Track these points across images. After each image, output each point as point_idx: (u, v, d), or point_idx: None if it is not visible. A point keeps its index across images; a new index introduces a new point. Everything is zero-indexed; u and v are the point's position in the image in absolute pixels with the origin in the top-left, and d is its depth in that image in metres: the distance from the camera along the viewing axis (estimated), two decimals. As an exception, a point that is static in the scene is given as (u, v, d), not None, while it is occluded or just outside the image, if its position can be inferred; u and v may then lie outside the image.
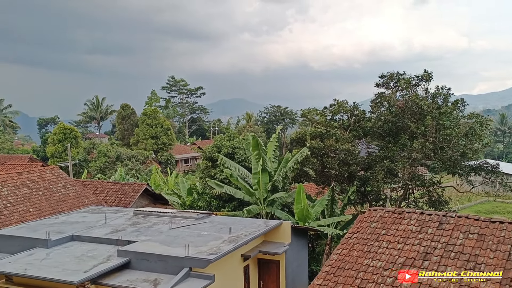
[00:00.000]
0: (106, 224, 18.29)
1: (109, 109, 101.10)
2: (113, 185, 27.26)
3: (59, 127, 63.00)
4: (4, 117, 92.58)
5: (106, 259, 14.48)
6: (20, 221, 19.34)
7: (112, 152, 51.86)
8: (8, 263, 14.31)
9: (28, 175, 22.41)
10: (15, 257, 14.94)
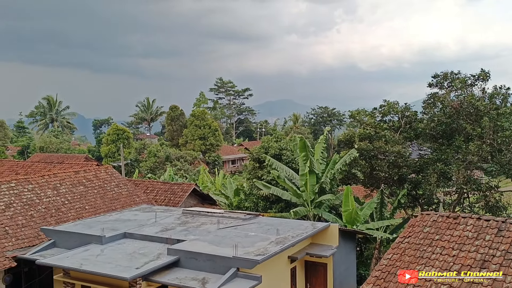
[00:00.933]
0: (156, 222, 18.78)
1: (159, 110, 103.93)
2: (163, 184, 27.93)
3: (113, 128, 65.47)
4: (63, 119, 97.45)
5: (156, 256, 14.87)
6: (76, 218, 20.24)
7: (161, 152, 53.19)
8: (66, 258, 15.01)
9: (84, 174, 23.40)
10: (72, 252, 15.65)
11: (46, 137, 78.38)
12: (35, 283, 18.53)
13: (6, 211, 18.51)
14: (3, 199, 19.01)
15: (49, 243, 17.43)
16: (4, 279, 16.91)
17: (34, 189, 20.43)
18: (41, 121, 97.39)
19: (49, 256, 16.03)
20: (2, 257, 16.47)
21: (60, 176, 22.22)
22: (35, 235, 18.22)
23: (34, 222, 18.85)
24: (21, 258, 16.77)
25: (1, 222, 17.86)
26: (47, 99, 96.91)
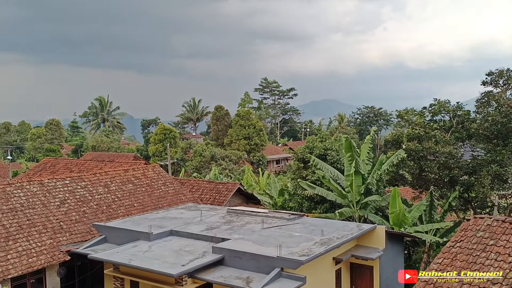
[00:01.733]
0: (201, 221, 19.07)
1: (205, 110, 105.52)
2: (208, 183, 28.33)
3: (160, 128, 67.16)
4: (113, 119, 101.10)
5: (201, 254, 15.08)
6: (126, 215, 20.91)
7: (207, 152, 53.98)
8: (116, 253, 15.52)
9: (133, 172, 24.13)
10: (122, 248, 16.16)
11: (98, 137, 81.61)
12: (87, 277, 19.31)
13: (61, 207, 19.41)
14: (58, 195, 19.94)
15: (100, 238, 18.11)
16: (59, 272, 17.73)
17: (87, 187, 21.30)
18: (93, 121, 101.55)
19: (100, 251, 16.65)
20: (57, 251, 17.28)
21: (110, 174, 23.03)
22: (88, 230, 18.98)
23: (86, 218, 19.64)
24: (74, 252, 17.53)
25: (56, 218, 18.75)
26: (99, 100, 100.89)
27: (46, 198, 19.42)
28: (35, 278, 17.13)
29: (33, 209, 18.58)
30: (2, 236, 16.66)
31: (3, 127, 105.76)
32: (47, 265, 16.83)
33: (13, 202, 18.35)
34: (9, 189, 18.89)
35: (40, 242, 17.28)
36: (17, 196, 18.74)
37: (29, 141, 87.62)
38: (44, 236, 17.64)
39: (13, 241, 16.74)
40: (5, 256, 15.99)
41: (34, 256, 16.64)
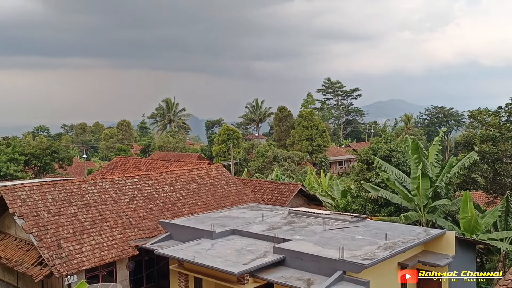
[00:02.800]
0: (263, 221, 19.18)
1: (267, 111, 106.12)
2: (270, 184, 28.44)
3: (223, 128, 68.46)
4: (179, 120, 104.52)
5: (263, 254, 15.17)
6: (190, 213, 21.53)
7: (269, 152, 54.24)
8: (181, 250, 16.03)
9: (197, 172, 24.80)
10: (186, 245, 16.66)
11: (164, 137, 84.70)
12: (154, 271, 20.11)
13: (130, 204, 20.36)
14: (128, 193, 20.95)
15: (166, 235, 18.79)
16: (128, 266, 18.63)
17: (154, 185, 22.18)
18: (160, 122, 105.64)
19: (166, 247, 17.27)
20: (126, 245, 18.16)
21: (176, 173, 23.82)
22: (154, 227, 19.77)
23: (153, 215, 20.46)
24: (142, 248, 18.33)
25: (126, 214, 19.70)
26: (166, 102, 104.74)
27: (117, 195, 20.47)
28: (106, 271, 18.13)
29: (105, 205, 19.66)
30: (78, 230, 17.79)
31: (80, 127, 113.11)
32: (117, 259, 17.74)
33: (87, 198, 19.54)
34: (84, 185, 20.14)
35: (111, 236, 18.25)
36: (91, 193, 19.93)
37: (102, 141, 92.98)
38: (115, 231, 18.60)
39: (87, 234, 17.82)
40: (80, 249, 17.06)
41: (106, 249, 17.60)
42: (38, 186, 18.99)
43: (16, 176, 49.94)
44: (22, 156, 53.35)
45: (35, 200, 18.15)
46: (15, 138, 63.19)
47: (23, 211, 17.43)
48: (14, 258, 17.80)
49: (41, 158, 54.74)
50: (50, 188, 19.10)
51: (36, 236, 16.74)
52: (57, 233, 17.22)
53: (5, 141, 58.91)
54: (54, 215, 17.93)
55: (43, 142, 58.98)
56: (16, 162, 52.23)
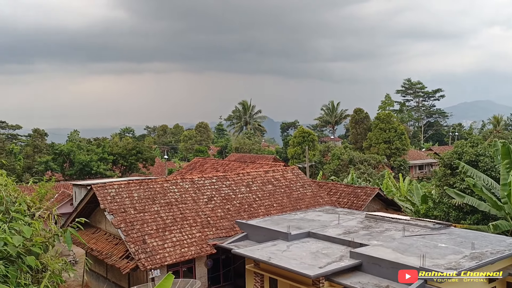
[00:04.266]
0: (339, 224, 18.93)
1: (343, 113, 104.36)
2: (346, 187, 27.96)
3: (299, 131, 68.41)
4: (255, 122, 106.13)
5: (338, 258, 14.97)
6: (266, 214, 21.81)
7: (345, 155, 53.33)
8: (257, 250, 16.30)
9: (273, 174, 25.05)
10: (262, 245, 16.91)
11: (240, 139, 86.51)
12: (231, 270, 20.63)
13: (209, 204, 21.08)
14: (206, 193, 21.70)
15: (242, 235, 19.21)
16: (206, 263, 19.30)
17: (231, 186, 22.77)
18: (236, 124, 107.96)
19: (242, 247, 17.66)
20: (205, 243, 18.83)
21: (252, 175, 24.26)
22: (231, 226, 20.29)
23: (230, 215, 21.01)
24: (220, 247, 18.89)
25: (204, 213, 20.43)
26: (242, 104, 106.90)
27: (196, 195, 21.29)
28: (186, 267, 18.93)
29: (185, 204, 20.54)
30: (160, 227, 18.77)
31: (161, 129, 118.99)
32: (196, 256, 18.46)
33: (169, 197, 20.54)
34: (166, 185, 21.19)
35: (191, 234, 19.03)
36: (172, 192, 20.92)
37: (182, 142, 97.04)
38: (194, 229, 19.37)
39: (169, 232, 18.74)
40: (163, 245, 17.98)
41: (186, 247, 18.38)
42: (125, 184, 20.32)
43: (105, 175, 53.82)
44: (111, 156, 57.39)
45: (123, 197, 19.43)
46: (104, 139, 68.01)
47: (112, 207, 18.74)
48: (104, 251, 19.19)
49: (127, 158, 58.46)
50: (136, 187, 20.34)
51: (123, 231, 17.92)
52: (142, 229, 18.31)
53: (96, 142, 63.64)
54: (139, 212, 19.07)
55: (129, 143, 62.96)
56: (105, 161, 56.28)
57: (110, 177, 51.19)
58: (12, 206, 5.04)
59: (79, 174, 54.56)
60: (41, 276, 5.05)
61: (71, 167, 55.40)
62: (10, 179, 5.70)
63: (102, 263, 20.69)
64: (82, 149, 57.33)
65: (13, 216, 4.76)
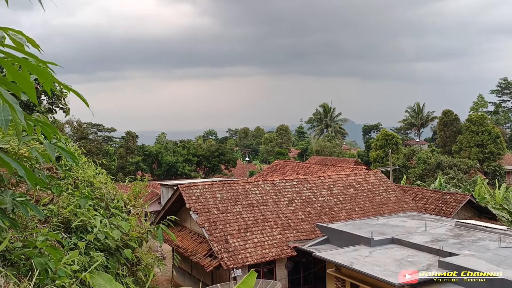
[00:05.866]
0: (426, 231, 18.02)
1: (430, 115, 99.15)
2: (433, 193, 26.56)
3: (382, 133, 66.21)
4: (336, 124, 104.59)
5: (425, 267, 14.25)
6: (347, 218, 21.40)
7: (432, 159, 50.67)
8: (338, 255, 16.05)
9: (355, 177, 24.51)
10: (343, 250, 16.61)
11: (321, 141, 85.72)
12: (311, 273, 20.51)
13: (289, 206, 21.16)
14: (287, 195, 21.80)
15: (323, 238, 19.02)
16: (286, 265, 19.39)
17: (311, 188, 22.65)
18: (317, 126, 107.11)
19: (323, 250, 17.48)
20: (285, 246, 18.92)
21: (333, 178, 23.94)
22: (312, 229, 20.18)
23: (311, 218, 20.91)
24: (300, 249, 18.87)
25: (285, 215, 20.54)
26: (323, 107, 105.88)
27: (277, 197, 21.47)
28: (267, 268, 19.16)
29: (266, 205, 20.80)
30: (242, 227, 19.19)
31: (242, 132, 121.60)
32: (277, 258, 18.61)
33: (250, 198, 20.93)
34: (248, 186, 21.62)
35: (271, 236, 19.23)
36: (254, 193, 21.29)
37: (263, 144, 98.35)
38: (275, 231, 19.54)
39: (250, 232, 19.09)
40: (244, 245, 18.37)
41: (267, 248, 18.61)
42: (209, 185, 21.06)
43: (190, 175, 56.23)
44: (195, 158, 59.81)
45: (206, 197, 20.16)
46: (189, 142, 71.03)
47: (197, 207, 19.52)
48: (189, 248, 20.05)
49: (210, 159, 60.55)
50: (219, 188, 20.99)
51: (207, 230, 18.58)
52: (224, 229, 18.85)
53: (182, 144, 66.69)
54: (222, 212, 19.66)
55: (212, 145, 65.18)
56: (190, 162, 58.75)
57: (194, 178, 53.40)
58: (111, 202, 5.48)
59: (166, 175, 57.57)
60: (135, 268, 5.42)
61: (159, 168, 58.62)
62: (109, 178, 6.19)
63: (187, 260, 21.60)
64: (169, 151, 60.44)
65: (112, 212, 5.17)
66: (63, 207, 4.45)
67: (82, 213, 4.46)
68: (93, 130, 67.88)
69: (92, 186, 5.40)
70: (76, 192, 4.91)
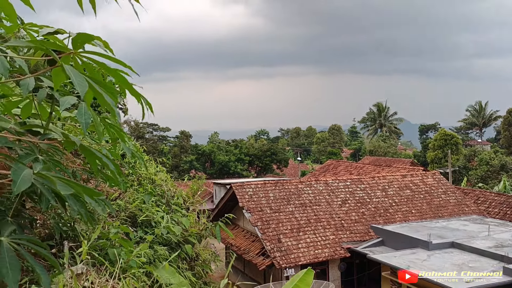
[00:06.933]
0: (489, 236, 17.16)
1: (494, 115, 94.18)
2: (497, 196, 25.22)
3: (440, 133, 63.63)
4: (390, 124, 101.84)
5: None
6: (403, 220, 20.78)
7: (495, 160, 48.09)
8: (394, 258, 15.63)
9: (411, 178, 23.74)
10: (399, 253, 16.16)
11: (375, 142, 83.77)
12: (365, 276, 20.12)
13: (343, 206, 20.86)
14: (340, 195, 21.51)
15: (377, 240, 18.59)
16: (339, 266, 19.13)
17: (365, 189, 22.20)
18: (371, 126, 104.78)
19: (378, 253, 17.08)
20: (338, 246, 18.68)
21: (388, 179, 23.32)
22: (365, 231, 19.78)
23: (365, 219, 20.50)
24: (354, 251, 18.55)
25: (338, 216, 20.27)
26: (377, 106, 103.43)
27: (330, 197, 21.24)
28: (320, 269, 18.99)
29: (319, 205, 20.63)
30: (295, 227, 19.15)
31: (294, 131, 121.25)
32: (330, 258, 18.41)
33: (303, 198, 20.84)
34: (300, 186, 21.55)
35: (324, 236, 19.05)
36: (307, 193, 21.18)
37: (315, 144, 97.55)
38: (328, 231, 19.34)
39: (303, 232, 19.01)
40: (297, 245, 18.33)
41: (319, 248, 18.46)
42: (262, 184, 21.19)
43: (242, 174, 56.83)
44: (247, 157, 60.38)
45: (259, 197, 20.30)
46: (241, 141, 71.77)
47: (250, 206, 19.70)
48: (242, 246, 20.27)
49: (262, 159, 60.88)
50: (272, 187, 21.07)
51: (260, 229, 18.71)
52: (277, 228, 18.89)
53: (234, 143, 67.54)
54: (275, 211, 19.72)
55: (264, 144, 65.51)
56: (242, 162, 59.38)
57: (246, 177, 53.88)
58: (171, 199, 5.66)
59: (218, 173, 58.53)
60: (194, 263, 5.57)
61: (212, 167, 59.69)
62: (168, 176, 6.40)
63: (240, 258, 21.85)
64: (221, 150, 61.39)
65: (172, 208, 5.34)
66: (129, 202, 4.66)
67: (146, 208, 4.65)
68: (149, 130, 70.25)
69: (154, 183, 5.60)
70: (140, 189, 5.13)
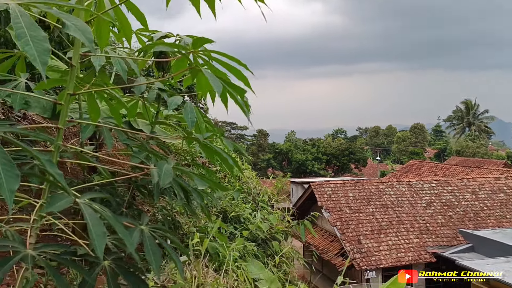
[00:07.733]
0: None
1: None
2: None
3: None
4: (480, 123, 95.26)
5: None
6: (496, 226, 19.33)
7: None
8: (486, 265, 14.59)
9: (505, 181, 22.01)
10: (492, 260, 15.04)
11: (462, 141, 78.84)
12: (452, 283, 18.99)
13: (427, 209, 19.86)
14: (425, 197, 20.50)
15: (467, 246, 17.48)
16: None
17: (453, 191, 20.95)
18: (458, 125, 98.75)
19: (468, 259, 16.04)
20: (423, 250, 17.82)
21: (478, 181, 21.83)
22: (453, 235, 18.66)
23: (452, 223, 19.35)
24: (440, 256, 17.58)
25: (423, 218, 19.34)
26: (465, 103, 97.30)
27: (414, 199, 20.32)
28: (402, 273, 18.24)
29: (401, 207, 19.82)
30: (375, 229, 18.59)
31: (373, 130, 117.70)
32: (413, 263, 17.61)
33: (384, 199, 20.16)
34: (381, 186, 20.86)
35: (407, 239, 18.27)
36: (388, 194, 20.46)
37: (395, 144, 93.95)
38: (412, 234, 18.52)
39: (384, 234, 18.39)
40: (378, 247, 17.77)
41: (402, 251, 17.73)
42: (341, 183, 20.83)
43: (319, 174, 56.34)
44: (324, 156, 59.75)
45: (338, 196, 19.97)
46: (319, 140, 71.11)
47: (328, 205, 19.45)
48: (320, 246, 20.08)
49: (340, 158, 59.92)
50: (351, 187, 20.62)
51: (339, 229, 18.40)
52: (357, 229, 18.46)
53: (311, 142, 67.15)
54: (354, 212, 19.28)
55: (341, 144, 64.41)
56: (319, 161, 58.87)
57: (324, 176, 53.29)
58: (257, 196, 5.74)
59: (295, 172, 58.48)
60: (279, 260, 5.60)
61: (289, 165, 59.80)
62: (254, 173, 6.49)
63: (318, 258, 21.66)
64: (298, 149, 61.29)
65: (259, 206, 5.41)
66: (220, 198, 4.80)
67: (236, 204, 4.77)
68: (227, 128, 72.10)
69: (240, 180, 5.72)
70: (229, 186, 5.27)
